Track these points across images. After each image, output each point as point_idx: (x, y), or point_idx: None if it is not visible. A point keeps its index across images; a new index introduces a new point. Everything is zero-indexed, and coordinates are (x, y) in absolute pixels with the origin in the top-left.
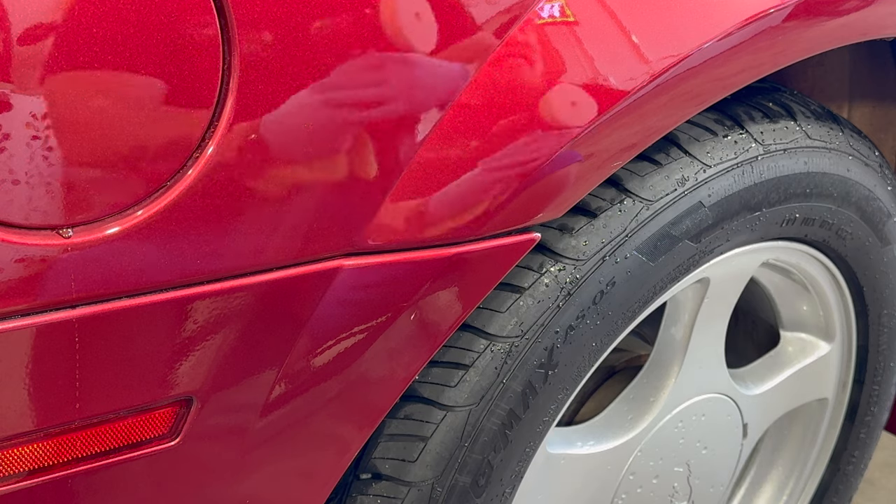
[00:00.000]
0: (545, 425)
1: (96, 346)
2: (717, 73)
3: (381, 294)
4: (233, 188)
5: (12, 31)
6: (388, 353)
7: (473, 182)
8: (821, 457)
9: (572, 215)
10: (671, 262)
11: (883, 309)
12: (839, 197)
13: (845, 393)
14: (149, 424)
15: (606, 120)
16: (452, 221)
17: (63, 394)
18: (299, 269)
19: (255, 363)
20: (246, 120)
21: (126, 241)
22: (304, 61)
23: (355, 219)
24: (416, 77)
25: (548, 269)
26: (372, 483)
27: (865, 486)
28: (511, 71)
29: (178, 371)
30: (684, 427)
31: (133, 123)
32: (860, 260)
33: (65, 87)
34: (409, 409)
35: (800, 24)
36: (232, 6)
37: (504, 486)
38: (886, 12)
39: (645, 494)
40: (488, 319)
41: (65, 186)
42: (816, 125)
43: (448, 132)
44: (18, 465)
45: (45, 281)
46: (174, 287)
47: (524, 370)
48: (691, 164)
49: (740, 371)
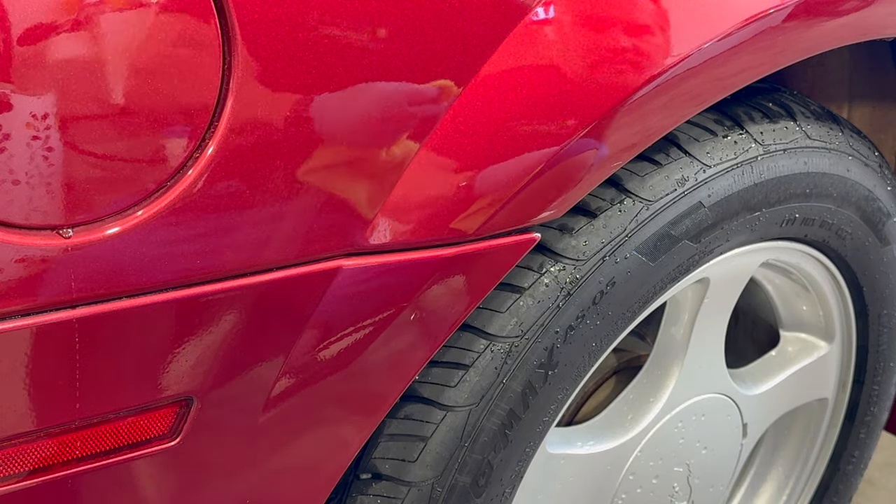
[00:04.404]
0: (545, 425)
1: (96, 346)
2: (717, 74)
3: (381, 294)
4: (233, 188)
5: (12, 31)
6: (388, 353)
7: (473, 182)
8: (821, 457)
9: (572, 215)
10: (671, 262)
11: (883, 309)
12: (839, 197)
13: (845, 393)
14: (149, 424)
15: (606, 121)
16: (452, 221)
17: (63, 394)
18: (299, 269)
19: (255, 364)
20: (246, 120)
21: (126, 241)
22: (305, 61)
23: (355, 219)
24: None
25: (548, 269)
26: (372, 483)
27: (865, 486)
28: (510, 72)
29: (177, 371)
30: (684, 427)
31: (133, 123)
32: (860, 260)
33: (65, 87)
34: (409, 409)
35: (800, 25)
36: (232, 6)
37: (504, 486)
38: (886, 12)
39: (645, 494)
40: (488, 319)
41: (65, 186)
42: (816, 125)
43: (448, 133)
44: (18, 465)
45: (46, 281)
46: (174, 287)
47: (524, 370)
48: (691, 165)
49: (740, 371)
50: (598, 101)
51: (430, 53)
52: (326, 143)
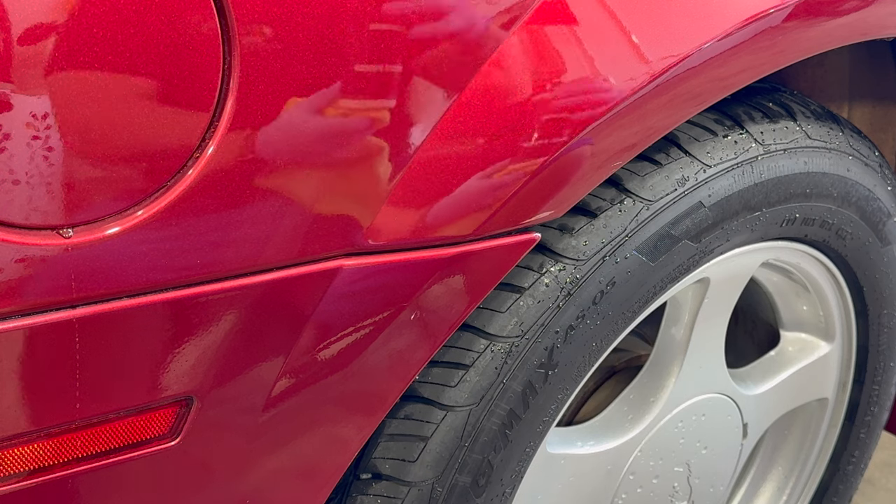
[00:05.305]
0: (545, 425)
1: (96, 346)
2: (718, 74)
3: (381, 294)
4: (233, 188)
5: (12, 31)
6: (389, 353)
7: (473, 182)
8: (821, 457)
9: (572, 215)
10: (671, 262)
11: (883, 309)
12: (839, 197)
13: (845, 393)
14: (149, 424)
15: (606, 121)
16: (452, 221)
17: (63, 394)
18: (300, 269)
19: (255, 363)
20: (246, 120)
21: (126, 241)
22: (305, 61)
23: (356, 219)
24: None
25: (548, 269)
26: (372, 483)
27: (865, 486)
28: (510, 72)
29: (178, 371)
30: (684, 427)
31: (133, 123)
32: (860, 260)
33: (65, 86)
34: (409, 408)
35: (800, 25)
36: (232, 6)
37: (504, 486)
38: (886, 12)
39: (645, 494)
40: (488, 319)
41: (65, 186)
42: (816, 125)
43: (448, 133)
44: (18, 465)
45: (46, 281)
46: (174, 287)
47: (524, 370)
48: (691, 164)
49: (740, 371)
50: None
51: (430, 53)
52: (327, 143)
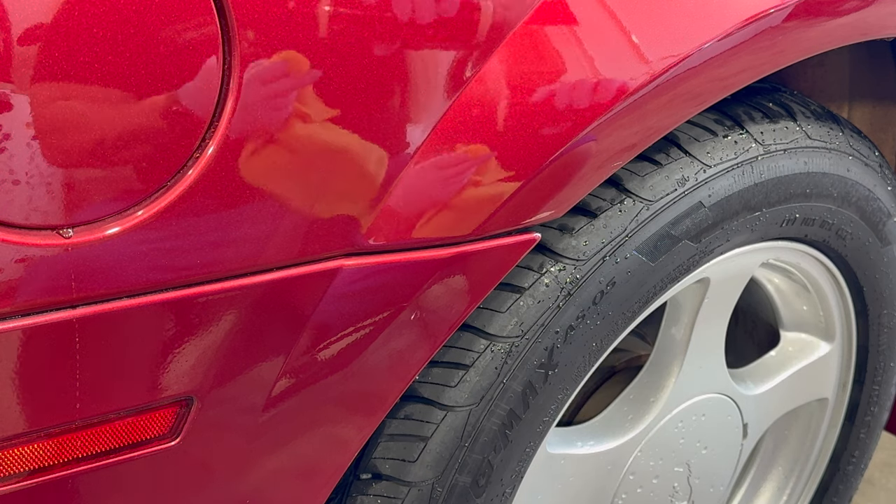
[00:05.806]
0: (545, 425)
1: (96, 346)
2: (718, 74)
3: (381, 294)
4: (233, 188)
5: (12, 31)
6: (389, 353)
7: (473, 182)
8: (821, 457)
9: (572, 215)
10: (671, 263)
11: (883, 309)
12: (839, 197)
13: (845, 393)
14: (149, 424)
15: (606, 121)
16: (452, 221)
17: (63, 394)
18: (300, 269)
19: (255, 364)
20: (246, 120)
21: (126, 241)
22: (304, 61)
23: (356, 219)
24: (415, 77)
25: (548, 269)
26: (372, 483)
27: (865, 486)
28: (510, 72)
29: (178, 371)
30: (684, 427)
31: (133, 123)
32: (860, 260)
33: (65, 87)
34: (409, 409)
35: (800, 25)
36: (232, 6)
37: (504, 486)
38: (886, 12)
39: (645, 494)
40: (488, 319)
41: (65, 186)
42: (816, 125)
43: (448, 133)
44: (18, 465)
45: (46, 281)
46: (174, 287)
47: (524, 370)
48: (691, 164)
49: (740, 371)
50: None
51: (430, 53)
52: (326, 143)
